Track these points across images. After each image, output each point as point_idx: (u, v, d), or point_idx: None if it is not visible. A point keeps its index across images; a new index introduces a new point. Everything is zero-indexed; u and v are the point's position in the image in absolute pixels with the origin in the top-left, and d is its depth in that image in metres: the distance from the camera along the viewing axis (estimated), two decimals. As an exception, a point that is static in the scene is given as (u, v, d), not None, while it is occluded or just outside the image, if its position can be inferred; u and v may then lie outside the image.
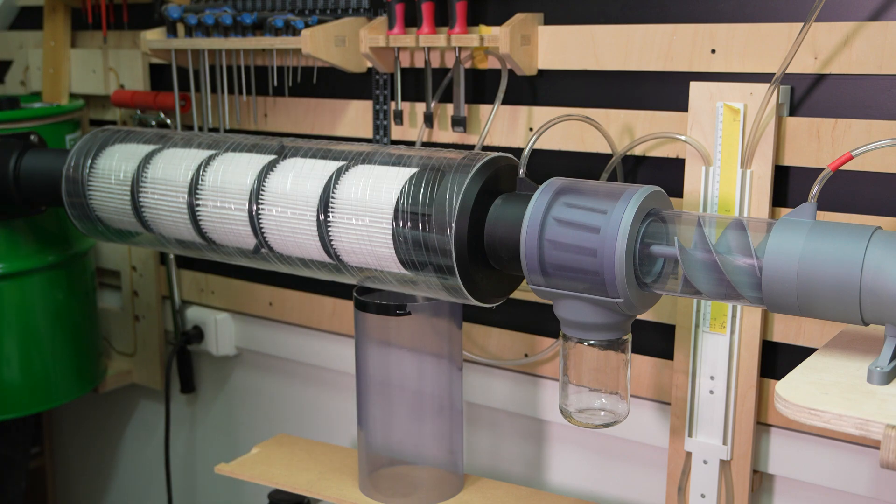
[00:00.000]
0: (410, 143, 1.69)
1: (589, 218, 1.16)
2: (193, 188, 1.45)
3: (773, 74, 1.29)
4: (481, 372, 1.70)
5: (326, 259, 1.37)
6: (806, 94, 1.33)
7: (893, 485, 1.34)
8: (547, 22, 1.53)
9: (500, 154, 1.29)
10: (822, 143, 1.31)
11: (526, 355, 1.64)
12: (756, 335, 1.37)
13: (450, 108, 1.62)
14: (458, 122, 1.60)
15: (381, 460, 1.53)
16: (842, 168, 1.09)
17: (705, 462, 1.43)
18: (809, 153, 1.32)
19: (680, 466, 1.47)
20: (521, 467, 1.74)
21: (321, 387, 1.99)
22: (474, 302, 1.29)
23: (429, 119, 1.63)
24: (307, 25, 1.65)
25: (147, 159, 1.53)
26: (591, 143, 1.50)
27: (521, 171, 1.28)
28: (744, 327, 1.37)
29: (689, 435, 1.44)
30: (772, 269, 1.05)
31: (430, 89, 1.62)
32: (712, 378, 1.40)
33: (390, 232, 1.28)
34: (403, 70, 1.67)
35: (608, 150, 1.47)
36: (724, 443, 1.41)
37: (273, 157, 1.42)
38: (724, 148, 1.34)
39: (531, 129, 1.56)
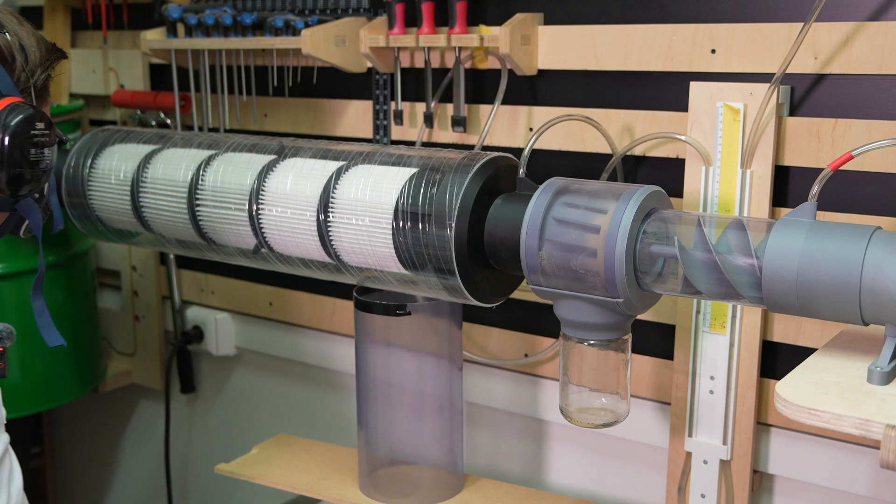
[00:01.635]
0: (410, 143, 1.69)
1: (589, 218, 1.16)
2: (193, 188, 1.45)
3: (773, 74, 1.29)
4: (481, 372, 1.70)
5: (326, 259, 1.37)
6: (806, 94, 1.33)
7: (893, 485, 1.34)
8: (547, 22, 1.53)
9: (500, 154, 1.29)
10: (822, 143, 1.31)
11: (526, 355, 1.64)
12: (756, 335, 1.37)
13: (450, 108, 1.62)
14: (458, 122, 1.60)
15: (381, 460, 1.53)
16: (842, 168, 1.09)
17: (705, 462, 1.43)
18: (809, 153, 1.32)
19: (680, 466, 1.47)
20: (521, 467, 1.74)
21: (321, 387, 1.99)
22: (474, 302, 1.29)
23: (429, 119, 1.63)
24: (307, 25, 1.65)
25: (147, 159, 1.53)
26: (591, 143, 1.50)
27: (521, 171, 1.28)
28: (744, 327, 1.37)
29: (689, 435, 1.44)
30: (772, 268, 1.05)
31: (430, 89, 1.62)
32: (712, 378, 1.40)
33: (390, 232, 1.28)
34: (403, 70, 1.67)
35: (608, 150, 1.47)
36: (724, 443, 1.41)
37: (273, 157, 1.42)
38: (724, 148, 1.34)
39: (531, 129, 1.56)
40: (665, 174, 1.44)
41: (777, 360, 1.40)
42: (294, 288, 1.93)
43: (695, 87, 1.36)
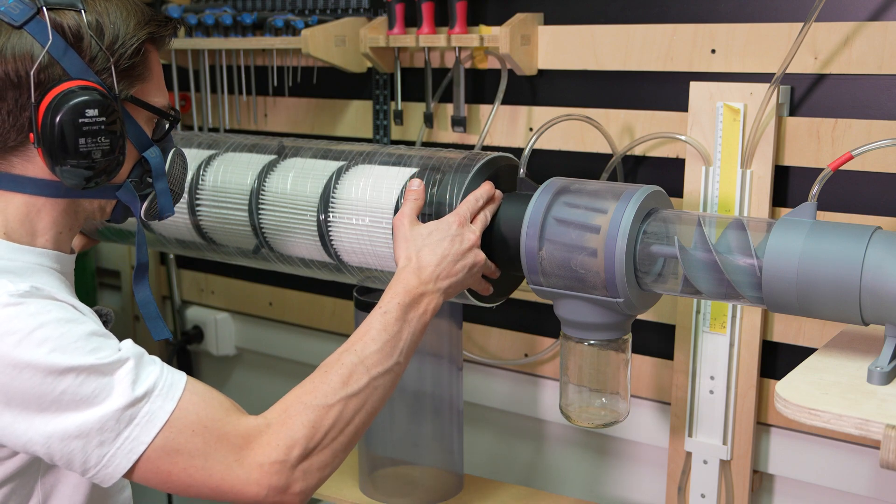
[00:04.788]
0: (410, 143, 1.69)
1: (589, 218, 1.16)
2: (194, 188, 1.45)
3: (773, 74, 1.29)
4: (481, 372, 1.70)
5: (326, 259, 1.37)
6: (806, 94, 1.33)
7: (893, 485, 1.34)
8: (547, 22, 1.53)
9: (501, 154, 1.29)
10: (822, 143, 1.31)
11: (526, 355, 1.64)
12: (756, 335, 1.37)
13: (450, 108, 1.62)
14: (458, 122, 1.60)
15: (381, 460, 1.53)
16: (842, 168, 1.09)
17: (705, 462, 1.43)
18: (809, 153, 1.32)
19: (680, 466, 1.47)
20: (521, 467, 1.74)
21: (321, 387, 1.99)
22: (474, 302, 1.29)
23: (429, 119, 1.63)
24: (307, 25, 1.65)
25: (147, 159, 1.53)
26: (591, 143, 1.50)
27: (522, 170, 1.28)
28: (744, 327, 1.37)
29: (689, 435, 1.44)
30: (772, 268, 1.05)
31: (430, 89, 1.62)
32: (712, 378, 1.40)
33: (390, 232, 1.28)
34: (403, 70, 1.67)
35: (608, 150, 1.47)
36: (724, 443, 1.41)
37: (273, 157, 1.42)
38: (724, 148, 1.34)
39: (531, 129, 1.56)
40: (665, 174, 1.44)
41: (777, 360, 1.40)
42: (294, 288, 1.93)
43: (695, 87, 1.36)
